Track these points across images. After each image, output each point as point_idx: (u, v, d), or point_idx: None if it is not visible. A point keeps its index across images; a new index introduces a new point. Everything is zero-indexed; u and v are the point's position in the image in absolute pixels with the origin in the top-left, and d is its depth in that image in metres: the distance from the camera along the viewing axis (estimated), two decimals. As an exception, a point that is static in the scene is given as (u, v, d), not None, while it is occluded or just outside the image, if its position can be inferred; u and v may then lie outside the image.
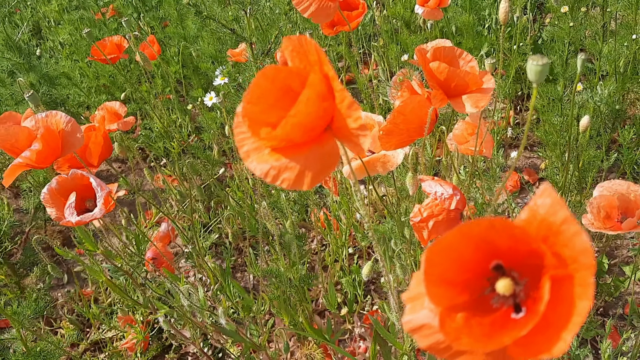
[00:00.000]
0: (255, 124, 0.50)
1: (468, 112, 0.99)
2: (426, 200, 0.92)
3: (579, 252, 0.40)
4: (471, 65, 1.01)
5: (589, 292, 0.40)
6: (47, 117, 0.99)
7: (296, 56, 0.51)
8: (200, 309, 1.15)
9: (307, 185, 0.49)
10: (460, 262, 0.45)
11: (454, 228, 0.44)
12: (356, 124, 0.48)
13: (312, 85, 0.47)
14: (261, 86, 0.50)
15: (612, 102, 1.73)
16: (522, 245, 0.44)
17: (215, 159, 1.99)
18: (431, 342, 0.45)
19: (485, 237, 0.44)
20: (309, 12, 1.03)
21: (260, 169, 0.50)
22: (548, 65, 0.58)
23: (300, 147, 0.50)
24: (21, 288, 1.99)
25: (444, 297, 0.45)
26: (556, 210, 0.42)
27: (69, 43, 2.68)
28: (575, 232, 0.41)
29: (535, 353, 0.41)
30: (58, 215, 0.86)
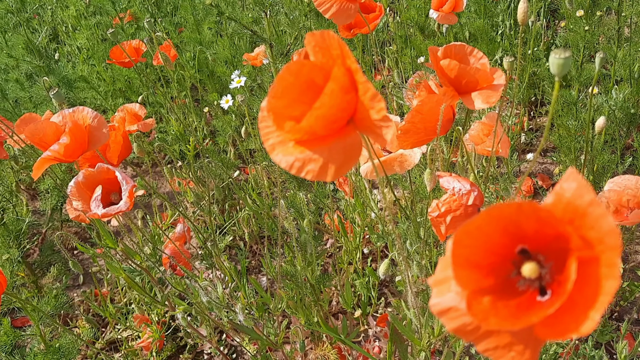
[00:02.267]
0: (280, 117, 0.51)
1: (478, 108, 1.01)
2: (444, 196, 0.94)
3: (605, 233, 0.41)
4: (482, 62, 1.03)
5: (615, 272, 0.40)
6: (74, 112, 1.01)
7: (319, 51, 0.53)
8: (219, 305, 1.16)
9: (330, 177, 0.51)
10: (487, 245, 0.46)
11: (482, 211, 0.45)
12: (379, 115, 0.49)
13: (335, 78, 0.48)
14: (285, 80, 0.51)
15: (627, 106, 1.73)
16: (548, 229, 0.45)
17: (231, 161, 2.01)
18: (458, 324, 0.46)
19: (512, 220, 0.45)
20: (330, 12, 1.05)
21: (286, 161, 0.51)
22: (570, 59, 0.60)
23: (324, 140, 0.51)
24: (38, 287, 2.02)
25: (470, 280, 0.46)
26: (582, 193, 0.42)
27: (86, 48, 2.72)
28: (601, 214, 0.41)
29: (563, 332, 0.42)
30: (84, 208, 0.88)
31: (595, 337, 1.51)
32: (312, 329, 1.44)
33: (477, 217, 0.45)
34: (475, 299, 0.46)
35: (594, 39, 1.75)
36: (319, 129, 0.49)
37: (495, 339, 0.45)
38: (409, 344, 1.37)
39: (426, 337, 1.02)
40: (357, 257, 1.82)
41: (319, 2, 1.08)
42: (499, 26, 2.48)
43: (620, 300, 1.69)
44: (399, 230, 1.44)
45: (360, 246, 1.80)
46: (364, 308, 1.73)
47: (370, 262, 1.94)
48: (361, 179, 1.71)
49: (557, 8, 2.72)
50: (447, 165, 1.59)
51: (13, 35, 2.40)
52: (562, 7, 2.09)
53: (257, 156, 1.89)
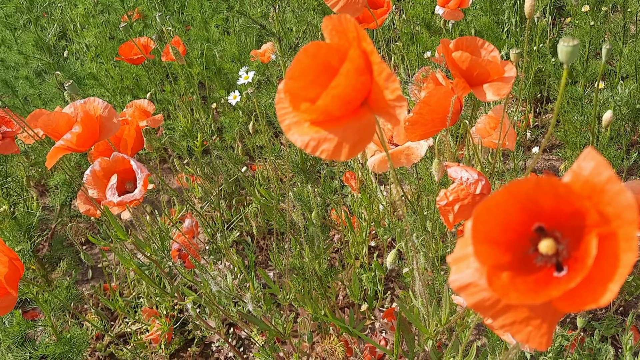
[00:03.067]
0: (296, 98, 0.53)
1: (489, 100, 1.02)
2: (452, 185, 0.95)
3: (623, 208, 0.42)
4: (493, 55, 1.04)
5: (633, 245, 0.41)
6: (85, 103, 1.03)
7: (335, 34, 0.54)
8: (229, 295, 1.18)
9: (344, 156, 0.52)
10: (505, 221, 0.47)
11: (501, 188, 0.47)
12: (393, 95, 0.51)
13: (351, 60, 0.50)
14: (302, 62, 0.53)
15: (633, 102, 1.74)
16: (565, 206, 0.46)
17: (238, 157, 2.02)
18: (477, 299, 0.47)
19: (531, 196, 0.46)
20: (338, 6, 1.07)
21: (302, 140, 0.52)
22: (578, 47, 0.61)
23: (339, 120, 0.53)
24: (48, 281, 2.04)
25: (489, 255, 0.47)
26: (600, 170, 0.43)
27: (95, 45, 2.74)
28: (619, 190, 0.42)
29: (582, 304, 0.43)
30: (100, 196, 0.90)
31: (601, 331, 1.52)
32: (320, 319, 1.46)
33: (496, 193, 0.46)
34: (495, 274, 0.47)
35: (599, 34, 1.76)
36: (334, 109, 0.51)
37: (513, 314, 0.47)
38: (416, 333, 1.38)
39: (433, 326, 1.03)
40: (364, 252, 1.83)
41: None
42: (504, 23, 2.49)
43: (625, 295, 1.70)
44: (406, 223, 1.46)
45: (367, 240, 1.81)
46: (371, 302, 1.75)
47: (376, 257, 1.95)
48: (368, 174, 1.72)
49: (563, 5, 2.72)
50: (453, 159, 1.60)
51: (23, 33, 2.43)
52: (568, 3, 2.10)
53: (265, 152, 1.91)
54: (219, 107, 2.44)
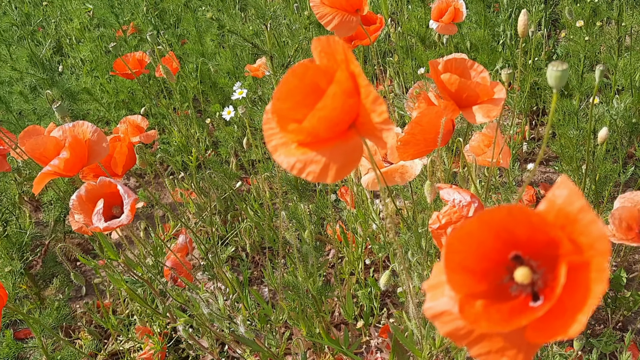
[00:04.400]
0: (284, 120, 0.52)
1: (479, 123, 1.01)
2: (444, 208, 0.94)
3: (595, 238, 0.42)
4: (482, 76, 1.03)
5: (604, 277, 0.41)
6: (74, 126, 1.02)
7: (324, 56, 0.53)
8: (220, 317, 1.16)
9: (331, 178, 0.51)
10: (480, 250, 0.47)
11: (473, 216, 0.45)
12: (380, 118, 0.50)
13: (338, 82, 0.49)
14: (290, 83, 0.52)
15: (629, 115, 1.73)
16: (540, 234, 0.45)
17: (233, 172, 2.01)
18: (451, 328, 0.46)
19: (504, 224, 0.45)
20: (332, 25, 1.06)
21: (288, 161, 0.52)
22: (567, 71, 0.60)
23: (326, 143, 0.52)
24: (41, 299, 2.02)
25: (463, 284, 0.46)
26: (573, 200, 0.43)
27: (90, 60, 2.74)
28: (591, 220, 0.42)
29: (552, 334, 0.43)
30: (86, 221, 0.89)
31: (599, 349, 1.50)
32: (313, 340, 1.44)
33: (468, 221, 0.45)
34: (468, 303, 0.46)
35: (594, 48, 1.76)
36: (321, 130, 0.50)
37: (488, 343, 0.46)
38: (411, 355, 1.36)
39: (427, 349, 1.01)
40: (360, 268, 1.81)
41: (321, 15, 1.08)
42: (500, 36, 2.49)
43: (624, 310, 1.68)
44: (401, 241, 1.44)
45: (363, 256, 1.80)
46: (366, 319, 1.73)
47: (372, 273, 1.93)
48: (363, 190, 1.71)
49: (558, 18, 2.73)
50: (448, 175, 1.59)
51: (17, 48, 2.42)
52: (563, 16, 2.09)
53: (259, 167, 1.89)
54: (214, 121, 2.44)
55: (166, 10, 2.96)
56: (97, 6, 2.60)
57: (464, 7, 1.76)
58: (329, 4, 1.10)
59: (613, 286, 1.65)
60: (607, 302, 1.65)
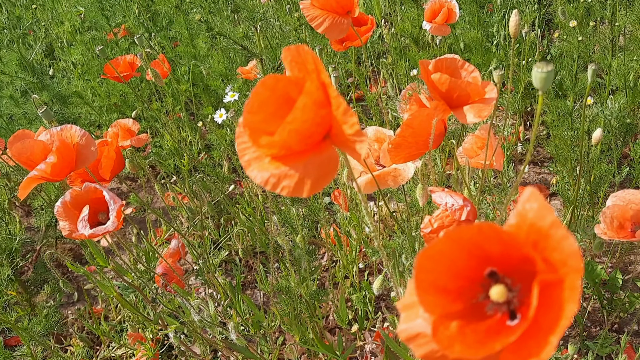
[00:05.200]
0: (256, 133, 0.50)
1: (470, 123, 0.99)
2: (437, 211, 0.92)
3: (568, 255, 0.41)
4: (473, 75, 1.02)
5: (576, 296, 0.40)
6: (62, 130, 1.00)
7: (295, 66, 0.52)
8: (211, 324, 1.14)
9: (306, 192, 0.50)
10: (452, 268, 0.45)
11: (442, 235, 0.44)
12: (352, 130, 0.48)
13: (308, 93, 0.48)
14: (261, 95, 0.50)
15: (623, 116, 1.72)
16: (513, 251, 0.44)
17: (225, 175, 1.99)
18: (426, 351, 0.45)
19: (475, 242, 0.44)
20: (322, 27, 1.05)
21: (261, 176, 0.50)
22: (553, 72, 0.59)
23: (300, 155, 0.51)
24: (32, 305, 2.00)
25: (437, 305, 0.45)
26: (543, 214, 0.42)
27: (81, 63, 2.72)
28: (562, 236, 0.41)
29: (524, 357, 0.41)
30: (71, 229, 0.87)
31: (595, 351, 1.49)
32: (307, 347, 1.42)
33: (437, 240, 0.44)
34: (442, 324, 0.45)
35: (588, 49, 1.75)
36: (294, 143, 0.49)
37: None
38: (405, 360, 1.34)
39: (421, 355, 1.00)
40: (354, 271, 1.80)
41: (311, 17, 1.07)
42: (493, 36, 2.48)
43: (620, 312, 1.67)
44: (394, 244, 1.43)
45: (357, 260, 1.78)
46: (361, 323, 1.71)
47: (366, 276, 1.92)
48: (356, 192, 1.69)
49: (552, 18, 2.72)
50: (441, 177, 1.57)
51: (7, 51, 2.40)
52: (557, 16, 2.09)
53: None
54: (206, 124, 2.42)
55: (158, 13, 2.94)
56: (88, 9, 2.58)
57: (457, 7, 1.75)
58: (320, 6, 1.08)
59: (609, 287, 1.64)
60: (603, 303, 1.64)
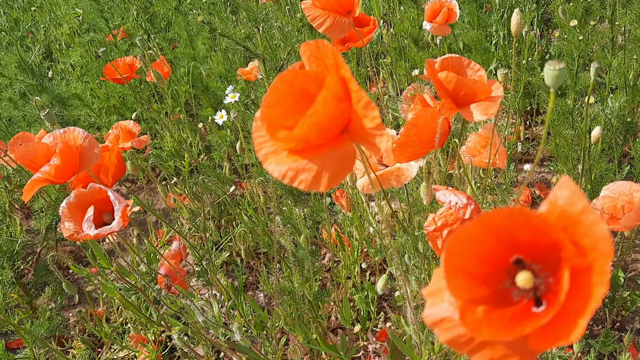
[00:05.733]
0: (274, 127, 0.50)
1: (477, 120, 1.00)
2: (440, 210, 0.92)
3: (598, 240, 0.41)
4: (479, 74, 1.02)
5: (605, 279, 0.40)
6: (65, 133, 1.00)
7: (314, 61, 0.52)
8: (215, 325, 1.14)
9: (324, 187, 0.50)
10: (480, 253, 0.45)
11: (474, 219, 0.44)
12: (373, 124, 0.48)
13: (329, 87, 0.47)
14: (279, 90, 0.50)
15: (623, 114, 1.73)
16: (542, 237, 0.44)
17: (226, 176, 1.99)
18: (451, 335, 0.45)
19: (505, 227, 0.44)
20: (324, 27, 1.05)
21: (279, 170, 0.50)
22: (565, 70, 0.59)
23: (318, 149, 0.51)
24: (33, 308, 1.99)
25: (464, 289, 0.45)
26: (575, 201, 0.42)
27: (80, 65, 2.71)
28: (594, 221, 0.41)
29: (554, 341, 0.41)
30: (76, 229, 0.87)
31: (597, 349, 1.49)
32: (310, 347, 1.42)
33: (469, 224, 0.44)
34: (469, 309, 0.45)
35: (588, 48, 1.75)
36: (313, 137, 0.48)
37: (490, 351, 0.44)
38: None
39: (426, 354, 1.00)
40: (356, 271, 1.80)
41: (313, 17, 1.07)
42: (492, 36, 2.48)
43: (622, 310, 1.68)
44: (397, 244, 1.43)
45: (359, 260, 1.78)
46: (363, 323, 1.71)
47: (368, 276, 1.92)
48: (358, 192, 1.69)
49: (551, 17, 2.73)
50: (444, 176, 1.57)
51: (6, 54, 2.39)
52: (556, 16, 2.09)
53: (253, 171, 1.87)
54: (206, 126, 2.42)
55: (157, 14, 2.94)
56: (86, 11, 2.58)
57: (457, 7, 1.75)
58: (321, 6, 1.08)
59: (611, 286, 1.65)
60: (605, 302, 1.64)
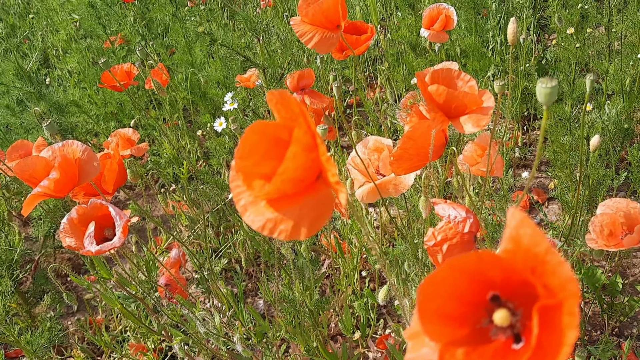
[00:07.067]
0: (249, 176, 0.51)
1: (469, 132, 1.00)
2: (440, 224, 0.93)
3: (566, 280, 0.41)
4: (470, 85, 1.02)
5: (575, 322, 0.41)
6: (63, 146, 1.00)
7: (282, 108, 0.52)
8: (217, 336, 1.14)
9: (303, 235, 0.50)
10: (455, 295, 0.46)
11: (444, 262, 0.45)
12: (333, 179, 0.49)
13: (297, 140, 0.48)
14: (250, 140, 0.51)
15: (620, 120, 1.74)
16: (513, 275, 0.45)
17: (225, 183, 1.99)
18: None
19: (476, 269, 0.45)
20: (312, 43, 1.06)
21: (258, 221, 0.50)
22: (557, 87, 0.59)
23: (295, 197, 0.51)
24: (32, 317, 1.99)
25: (442, 333, 0.45)
26: (538, 241, 0.43)
27: (77, 71, 2.71)
28: (559, 262, 0.42)
29: None
30: (77, 245, 0.87)
31: (597, 356, 1.50)
32: (310, 357, 1.42)
33: (439, 269, 0.44)
34: (449, 352, 0.45)
35: (584, 54, 1.76)
36: (287, 189, 0.49)
37: None
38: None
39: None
40: (355, 278, 1.80)
41: (301, 33, 1.08)
42: (489, 41, 2.49)
43: (620, 316, 1.68)
44: (397, 252, 1.43)
45: (358, 267, 1.78)
46: (363, 330, 1.71)
47: (368, 283, 1.92)
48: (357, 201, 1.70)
49: (547, 23, 2.74)
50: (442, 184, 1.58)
51: (3, 61, 2.39)
52: (552, 21, 2.10)
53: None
54: (204, 132, 2.42)
55: (153, 20, 2.94)
56: (84, 17, 2.58)
57: (454, 15, 1.76)
58: (309, 22, 1.09)
59: (609, 292, 1.65)
60: (604, 307, 1.65)
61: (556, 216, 2.09)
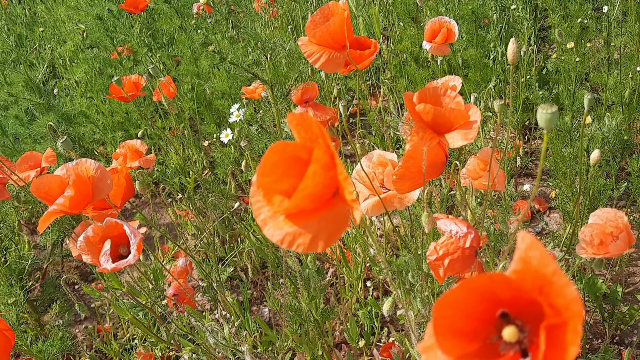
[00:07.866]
0: (270, 192, 0.54)
1: (458, 146, 1.03)
2: (441, 238, 0.96)
3: (570, 300, 0.45)
4: (457, 101, 1.05)
5: (578, 339, 0.44)
6: (77, 164, 1.04)
7: (301, 128, 0.56)
8: (227, 347, 1.17)
9: (321, 248, 0.54)
10: (467, 312, 0.49)
11: (458, 284, 0.48)
12: (350, 197, 0.53)
13: (317, 160, 0.52)
14: (271, 160, 0.54)
15: (620, 132, 1.77)
16: (521, 294, 0.48)
17: (231, 192, 2.03)
18: None
19: (487, 289, 0.49)
20: (319, 63, 1.09)
21: (277, 235, 0.54)
22: (557, 113, 0.63)
23: (313, 212, 0.55)
24: (41, 325, 2.02)
25: (454, 347, 0.49)
26: (546, 263, 0.46)
27: (84, 81, 2.75)
28: (565, 283, 0.45)
29: None
30: (94, 262, 0.90)
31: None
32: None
33: (454, 289, 0.48)
34: None
35: (584, 67, 1.79)
36: (306, 205, 0.53)
37: None
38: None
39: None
40: (359, 287, 1.83)
41: (309, 53, 1.11)
42: (490, 52, 2.53)
43: (620, 325, 1.71)
44: (399, 263, 1.46)
45: (362, 275, 1.81)
46: (367, 338, 1.74)
47: (372, 291, 1.95)
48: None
49: (547, 35, 2.77)
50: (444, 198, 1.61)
51: (12, 72, 2.43)
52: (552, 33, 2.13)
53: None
54: (210, 142, 2.45)
55: (159, 30, 2.98)
56: (92, 29, 2.61)
57: (456, 27, 1.79)
58: (317, 42, 1.12)
59: (609, 301, 1.68)
60: (604, 316, 1.68)
61: (557, 225, 2.12)
